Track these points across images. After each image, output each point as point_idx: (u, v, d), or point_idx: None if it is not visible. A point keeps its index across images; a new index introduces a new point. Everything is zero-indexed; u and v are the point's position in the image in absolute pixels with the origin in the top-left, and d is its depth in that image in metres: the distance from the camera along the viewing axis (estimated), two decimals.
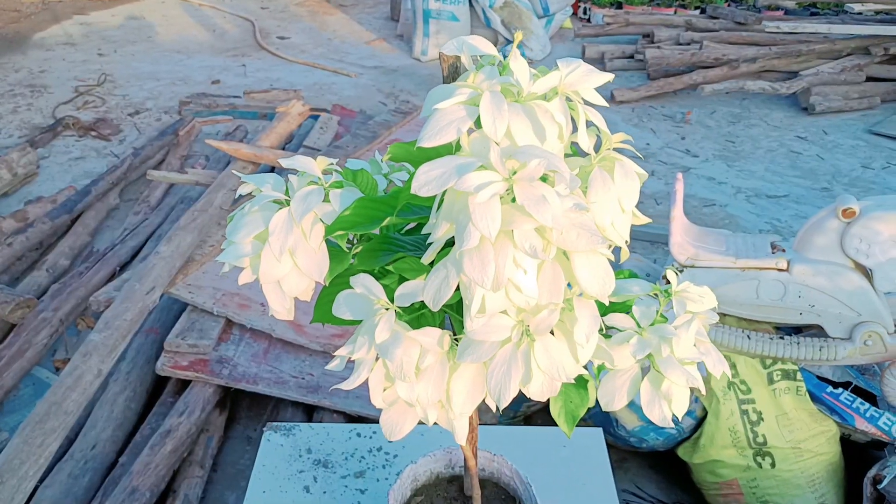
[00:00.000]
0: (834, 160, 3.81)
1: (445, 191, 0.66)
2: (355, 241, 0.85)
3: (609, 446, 2.03)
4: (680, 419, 0.81)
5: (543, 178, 0.67)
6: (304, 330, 2.11)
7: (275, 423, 1.44)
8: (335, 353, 0.75)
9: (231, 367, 2.01)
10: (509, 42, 5.24)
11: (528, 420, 2.17)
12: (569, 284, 0.70)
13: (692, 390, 1.87)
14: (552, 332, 0.69)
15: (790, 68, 4.55)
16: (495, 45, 5.40)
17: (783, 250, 1.82)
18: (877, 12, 5.26)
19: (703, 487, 1.89)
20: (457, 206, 0.64)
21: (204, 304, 2.10)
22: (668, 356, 0.81)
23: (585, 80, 0.69)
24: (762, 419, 1.78)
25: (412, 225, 0.85)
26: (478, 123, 0.64)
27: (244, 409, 2.15)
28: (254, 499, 1.29)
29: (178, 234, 2.21)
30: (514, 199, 0.61)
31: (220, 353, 2.04)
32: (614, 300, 0.90)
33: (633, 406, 1.81)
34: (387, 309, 0.73)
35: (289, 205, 0.78)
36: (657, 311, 0.89)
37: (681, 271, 1.86)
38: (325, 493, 1.33)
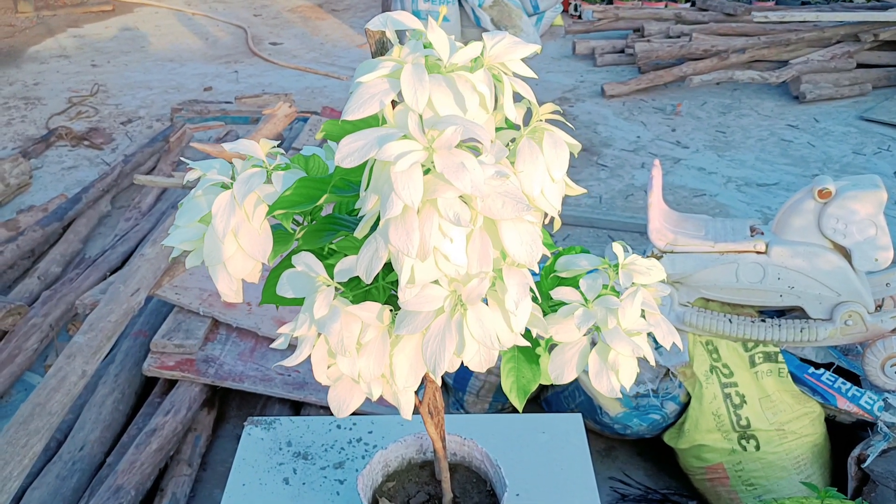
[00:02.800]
0: (825, 147, 3.81)
1: (374, 165, 0.67)
2: (304, 224, 0.86)
3: (596, 434, 2.04)
4: (627, 390, 0.82)
5: (475, 150, 0.68)
6: None
7: (256, 418, 1.45)
8: (278, 331, 0.76)
9: (217, 366, 2.02)
10: None
11: (516, 411, 2.17)
12: (504, 255, 0.71)
13: (676, 375, 1.88)
14: (486, 302, 0.70)
15: (780, 57, 4.55)
16: None
17: (762, 233, 1.83)
18: None
19: (690, 473, 1.89)
20: (382, 178, 0.65)
21: (190, 305, 2.12)
22: (615, 328, 0.82)
23: (511, 51, 0.70)
24: (745, 402, 1.78)
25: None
26: (402, 96, 0.65)
27: (233, 409, 2.16)
28: (233, 492, 1.30)
29: (164, 237, 2.22)
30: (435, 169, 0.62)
31: (207, 352, 2.06)
32: (564, 276, 0.91)
33: None
34: (328, 286, 0.74)
35: (232, 188, 0.79)
36: (605, 286, 0.90)
37: (660, 257, 1.87)
38: (304, 484, 1.33)
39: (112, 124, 4.24)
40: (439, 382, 0.73)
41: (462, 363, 0.74)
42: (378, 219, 0.69)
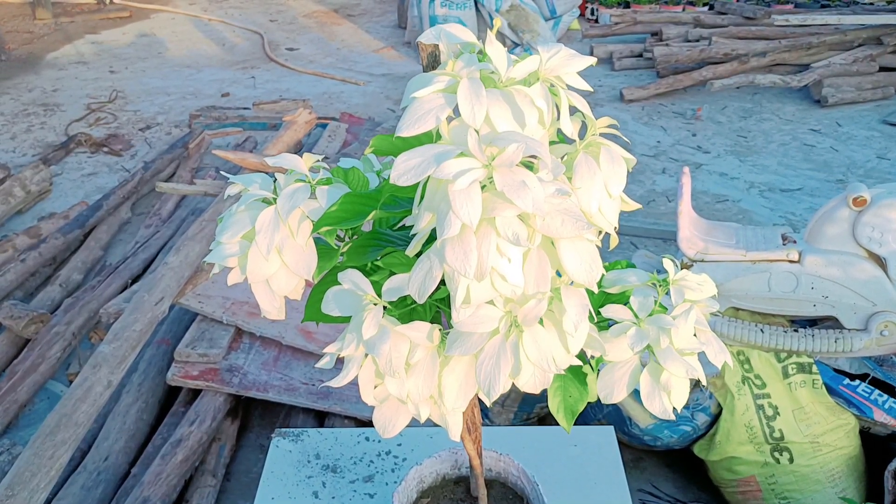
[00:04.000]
0: (848, 152, 3.76)
1: (427, 181, 0.65)
2: (346, 239, 0.84)
3: (624, 446, 2.01)
4: (679, 411, 0.80)
5: (528, 166, 0.66)
6: (314, 336, 2.10)
7: (283, 430, 1.44)
8: (324, 351, 0.75)
9: (241, 376, 2.01)
10: (517, 45, 5.23)
11: (543, 421, 2.15)
12: (558, 273, 0.69)
13: (706, 386, 1.85)
14: (541, 323, 0.68)
15: (801, 61, 4.51)
16: None
17: (794, 241, 1.79)
18: (889, 1, 5.20)
19: (721, 485, 1.85)
20: (437, 196, 0.63)
21: (213, 314, 2.11)
22: (667, 347, 0.80)
23: (567, 64, 0.67)
24: (778, 414, 1.75)
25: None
26: (458, 111, 0.63)
27: (256, 418, 2.15)
28: None
29: (187, 245, 2.22)
30: (494, 186, 0.60)
31: (231, 361, 2.04)
32: (612, 291, 0.89)
33: (637, 397, 1.78)
34: (375, 304, 0.73)
35: (276, 203, 0.77)
36: (655, 302, 0.87)
37: (690, 266, 1.84)
38: (333, 498, 1.32)
39: (131, 130, 4.25)
40: (489, 403, 0.71)
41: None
42: (430, 237, 0.67)
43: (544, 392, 0.79)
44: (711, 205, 3.31)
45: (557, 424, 1.77)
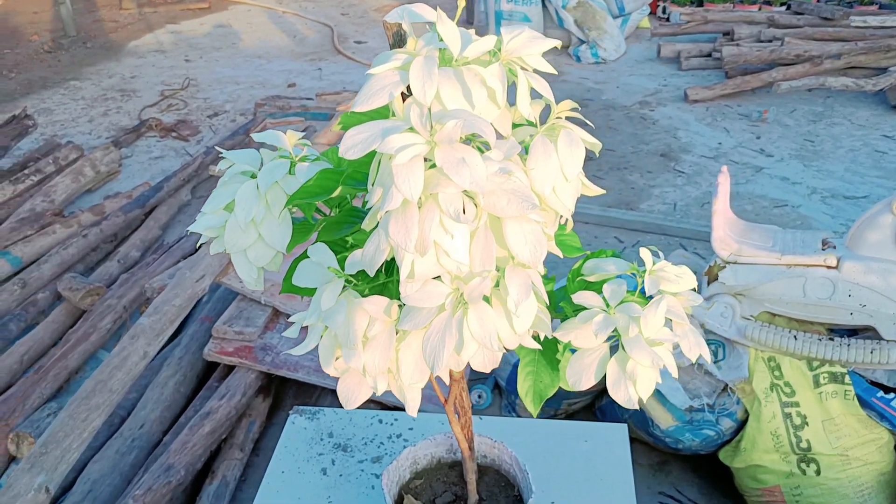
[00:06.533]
0: None
1: (382, 158, 0.67)
2: (330, 215, 0.86)
3: (650, 447, 1.98)
4: (645, 401, 0.79)
5: (483, 146, 0.66)
6: None
7: (301, 408, 1.48)
8: (289, 320, 0.77)
9: (274, 355, 2.06)
10: (583, 42, 5.18)
11: (570, 417, 2.13)
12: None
13: (733, 391, 1.80)
14: (489, 301, 0.68)
15: (878, 64, 4.31)
16: (567, 47, 5.35)
17: (833, 247, 1.73)
18: None
19: (746, 493, 1.81)
20: (385, 171, 0.64)
21: (252, 294, 2.17)
22: (636, 336, 0.79)
23: (528, 45, 0.68)
24: (807, 423, 1.69)
25: None
26: None
27: (290, 397, 2.20)
28: (272, 478, 1.33)
29: None
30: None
31: (265, 340, 2.10)
32: (591, 279, 0.89)
33: (668, 405, 1.75)
34: (339, 278, 0.75)
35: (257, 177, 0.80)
36: (632, 292, 0.87)
37: (723, 267, 1.80)
38: (340, 475, 1.35)
39: (199, 117, 4.40)
40: (446, 377, 0.72)
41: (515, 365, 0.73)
42: None
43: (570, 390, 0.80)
44: (769, 210, 3.21)
45: (581, 419, 1.75)
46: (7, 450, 1.96)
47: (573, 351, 0.85)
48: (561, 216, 0.70)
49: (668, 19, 5.81)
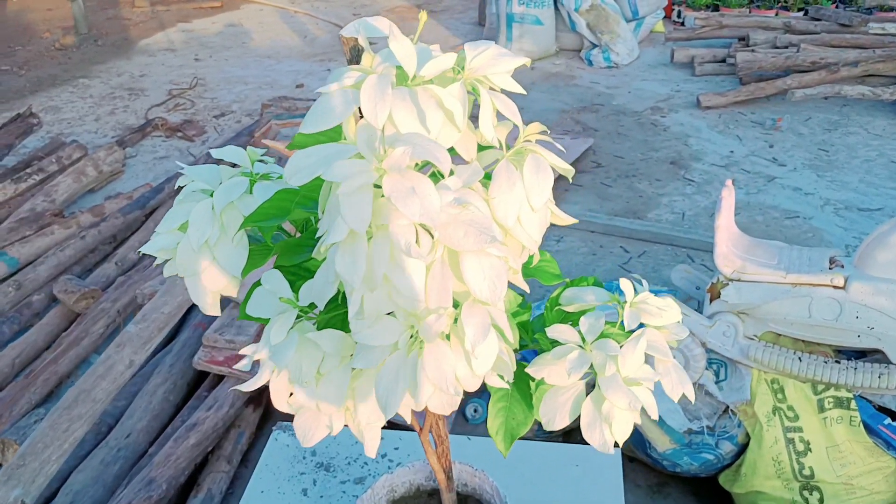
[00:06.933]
0: None
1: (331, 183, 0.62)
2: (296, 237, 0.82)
3: (648, 468, 1.92)
4: (621, 445, 0.74)
5: (436, 175, 0.61)
6: None
7: (284, 423, 1.43)
8: (240, 352, 0.72)
9: None
10: (595, 46, 5.11)
11: (568, 436, 2.07)
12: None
13: (736, 413, 1.74)
14: (449, 339, 0.63)
15: None
16: (580, 50, 5.28)
17: (841, 266, 1.67)
18: None
19: None
20: (333, 198, 0.59)
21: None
22: (613, 375, 0.74)
23: (494, 63, 0.63)
24: (810, 450, 1.63)
25: None
26: None
27: None
28: (252, 498, 1.29)
29: None
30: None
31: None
32: (570, 310, 0.83)
33: (666, 427, 1.69)
34: (293, 309, 0.70)
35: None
36: (613, 323, 0.81)
37: (726, 285, 1.73)
38: (321, 497, 1.30)
39: (206, 117, 4.37)
40: (385, 420, 0.66)
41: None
42: None
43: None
44: (780, 221, 3.13)
45: (576, 442, 1.71)
46: None
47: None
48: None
49: (682, 23, 5.73)
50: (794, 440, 1.64)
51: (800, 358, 1.67)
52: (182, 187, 0.81)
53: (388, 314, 0.62)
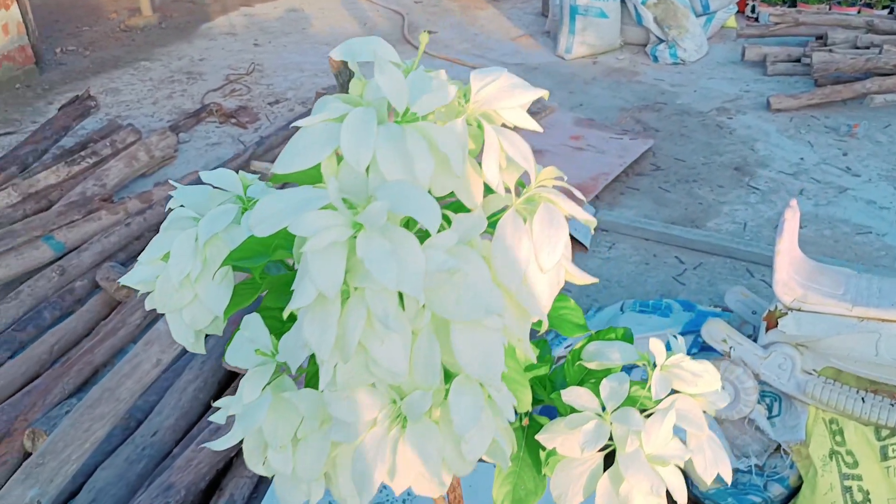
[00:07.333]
0: None
1: None
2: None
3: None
4: None
5: (415, 227, 0.52)
6: None
7: None
8: (214, 403, 0.65)
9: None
10: (661, 41, 4.91)
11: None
12: None
13: (788, 452, 1.61)
14: (434, 417, 0.54)
15: None
16: (645, 45, 5.08)
17: None
18: None
19: None
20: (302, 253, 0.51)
21: None
22: (635, 451, 0.64)
23: (505, 96, 0.53)
24: (869, 500, 1.49)
25: None
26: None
27: None
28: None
29: None
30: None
31: None
32: (592, 367, 0.74)
33: None
34: (272, 362, 0.62)
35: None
36: (642, 383, 0.72)
37: (784, 314, 1.60)
38: None
39: (260, 104, 4.36)
40: None
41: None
42: None
43: None
44: (850, 236, 2.94)
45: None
46: (23, 445, 1.92)
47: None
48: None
49: (756, 19, 5.47)
50: (853, 489, 1.50)
51: (863, 398, 1.53)
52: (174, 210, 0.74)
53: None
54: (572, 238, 2.87)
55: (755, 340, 1.70)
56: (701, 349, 1.83)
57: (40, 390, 2.07)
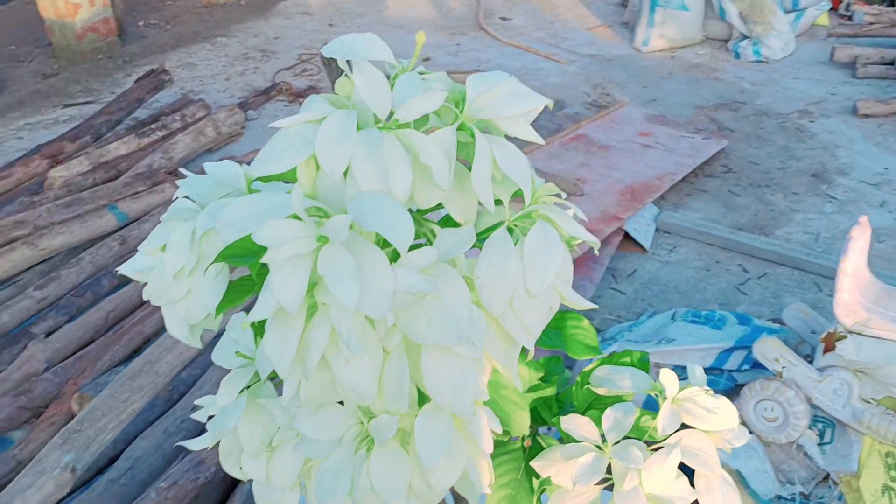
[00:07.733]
0: None
1: None
2: None
3: None
4: None
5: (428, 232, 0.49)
6: None
7: None
8: (196, 402, 0.63)
9: None
10: (745, 37, 4.71)
11: None
12: None
13: (838, 483, 1.52)
14: (404, 441, 0.51)
15: None
16: (727, 41, 4.88)
17: None
18: None
19: None
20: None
21: None
22: (634, 489, 0.60)
23: (504, 105, 0.49)
24: None
25: None
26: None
27: None
28: None
29: None
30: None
31: None
32: (600, 392, 0.69)
33: (750, 490, 1.49)
34: (251, 365, 0.60)
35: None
36: (653, 413, 0.67)
37: (844, 337, 1.50)
38: None
39: (328, 85, 4.38)
40: None
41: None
42: None
43: None
44: None
45: None
46: (71, 408, 1.98)
47: None
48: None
49: (850, 18, 5.19)
50: None
51: None
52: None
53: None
54: (631, 238, 2.78)
55: (811, 362, 1.60)
56: (753, 366, 1.74)
57: (91, 356, 2.13)
